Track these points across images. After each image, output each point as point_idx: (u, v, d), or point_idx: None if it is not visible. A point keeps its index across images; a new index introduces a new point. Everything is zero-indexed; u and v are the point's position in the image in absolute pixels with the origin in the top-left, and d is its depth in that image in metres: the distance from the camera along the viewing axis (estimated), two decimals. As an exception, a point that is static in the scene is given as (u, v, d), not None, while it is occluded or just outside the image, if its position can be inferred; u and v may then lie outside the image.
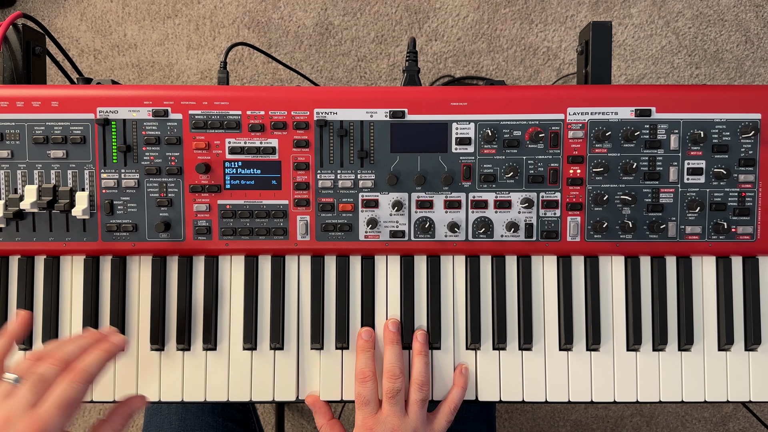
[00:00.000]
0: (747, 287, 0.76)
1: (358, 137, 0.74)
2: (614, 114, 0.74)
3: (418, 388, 0.73)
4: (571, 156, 0.74)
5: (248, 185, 0.75)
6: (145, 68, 1.55)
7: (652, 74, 1.53)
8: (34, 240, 0.75)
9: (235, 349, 0.76)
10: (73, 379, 0.58)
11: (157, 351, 0.76)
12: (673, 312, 0.76)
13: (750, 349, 0.76)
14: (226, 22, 1.54)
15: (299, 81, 1.54)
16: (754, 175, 0.74)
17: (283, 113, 0.74)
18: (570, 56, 1.52)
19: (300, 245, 0.75)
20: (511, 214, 0.75)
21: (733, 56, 1.52)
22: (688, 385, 0.76)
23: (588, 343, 0.76)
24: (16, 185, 0.74)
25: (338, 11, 1.53)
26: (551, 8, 1.52)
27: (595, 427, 1.54)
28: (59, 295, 0.77)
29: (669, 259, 0.77)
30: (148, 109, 0.74)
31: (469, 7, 1.52)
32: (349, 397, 0.76)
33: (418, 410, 0.72)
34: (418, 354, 0.74)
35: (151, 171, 0.74)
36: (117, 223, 0.74)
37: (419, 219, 0.75)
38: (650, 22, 1.52)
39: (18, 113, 0.73)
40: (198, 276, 0.77)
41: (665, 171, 0.74)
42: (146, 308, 0.77)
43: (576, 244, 0.75)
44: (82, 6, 1.55)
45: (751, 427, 1.55)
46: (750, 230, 0.74)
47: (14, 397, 0.56)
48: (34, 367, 0.58)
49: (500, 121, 0.74)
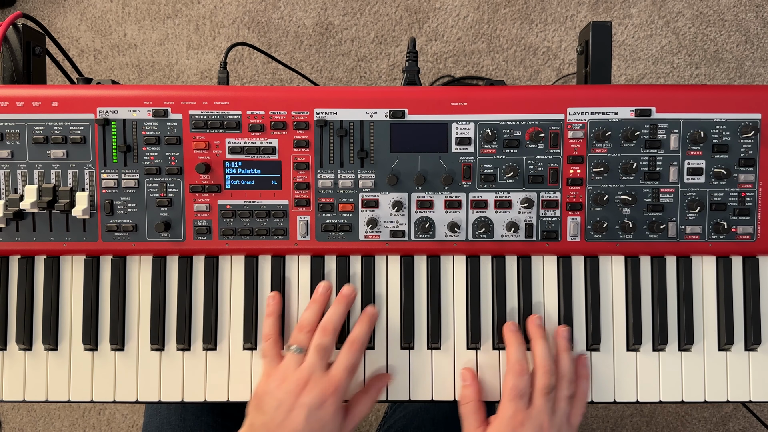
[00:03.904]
0: (747, 287, 0.76)
1: (358, 137, 0.74)
2: (614, 114, 0.74)
3: (567, 385, 0.72)
4: (571, 156, 0.74)
5: (248, 185, 0.75)
6: (145, 68, 1.55)
7: (652, 74, 1.53)
8: (34, 240, 0.75)
9: (235, 349, 0.76)
10: (354, 349, 0.71)
11: (157, 351, 0.76)
12: (673, 312, 0.76)
13: (750, 349, 0.76)
14: (226, 22, 1.54)
15: (299, 81, 1.54)
16: (754, 175, 0.74)
17: (283, 113, 0.74)
18: (570, 56, 1.52)
19: (300, 245, 0.75)
20: (511, 214, 0.75)
21: (733, 56, 1.52)
22: (688, 385, 0.76)
23: (588, 343, 0.76)
24: (16, 185, 0.74)
25: (338, 11, 1.53)
26: (551, 8, 1.52)
27: (595, 427, 1.54)
28: (59, 295, 0.77)
29: (669, 259, 0.77)
30: (148, 109, 0.74)
31: (469, 7, 1.52)
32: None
33: (565, 407, 0.71)
34: (565, 351, 0.73)
35: (151, 171, 0.74)
36: (117, 223, 0.74)
37: (419, 219, 0.75)
38: (650, 22, 1.52)
39: (18, 113, 0.73)
40: (198, 276, 0.77)
41: (665, 171, 0.74)
42: (146, 308, 0.77)
43: (576, 244, 0.75)
44: (82, 6, 1.55)
45: (751, 427, 1.55)
46: (750, 230, 0.74)
47: (307, 364, 0.69)
48: (314, 339, 0.70)
49: (500, 121, 0.74)
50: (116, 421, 1.58)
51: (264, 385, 0.70)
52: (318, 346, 0.70)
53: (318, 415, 0.67)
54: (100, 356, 0.76)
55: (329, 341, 0.71)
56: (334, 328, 0.72)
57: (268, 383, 0.70)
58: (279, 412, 0.67)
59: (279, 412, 0.67)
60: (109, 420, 1.58)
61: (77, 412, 1.58)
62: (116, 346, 0.76)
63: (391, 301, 0.77)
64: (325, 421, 0.67)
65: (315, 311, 0.73)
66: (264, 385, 0.70)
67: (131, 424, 1.58)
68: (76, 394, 0.76)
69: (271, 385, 0.69)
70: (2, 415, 1.59)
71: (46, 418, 1.58)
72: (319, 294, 0.75)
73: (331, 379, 0.68)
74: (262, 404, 0.68)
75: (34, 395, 0.76)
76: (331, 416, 0.68)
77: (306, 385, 0.68)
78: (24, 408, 1.58)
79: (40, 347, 0.76)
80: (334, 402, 0.68)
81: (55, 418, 1.58)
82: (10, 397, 0.76)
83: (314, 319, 0.73)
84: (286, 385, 0.68)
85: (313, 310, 0.73)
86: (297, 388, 0.67)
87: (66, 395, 0.76)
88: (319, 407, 0.67)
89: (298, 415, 0.66)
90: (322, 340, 0.70)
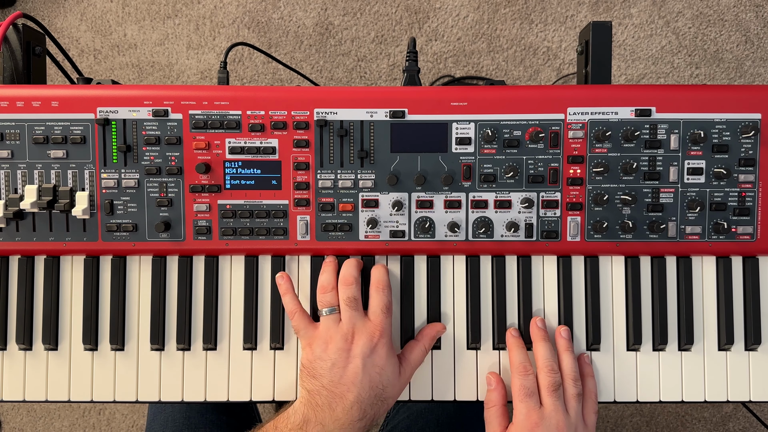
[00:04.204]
0: (747, 287, 0.76)
1: (358, 137, 0.74)
2: (614, 114, 0.74)
3: (573, 383, 0.71)
4: (571, 156, 0.74)
5: (248, 185, 0.75)
6: (145, 68, 1.55)
7: (652, 74, 1.53)
8: (34, 240, 0.75)
9: (235, 349, 0.76)
10: (380, 287, 0.73)
11: (157, 351, 0.76)
12: (673, 312, 0.76)
13: (750, 349, 0.76)
14: (226, 22, 1.54)
15: (299, 81, 1.54)
16: (754, 175, 0.74)
17: (283, 113, 0.74)
18: (570, 56, 1.52)
19: (300, 245, 0.75)
20: (511, 214, 0.75)
21: (733, 56, 1.52)
22: (688, 385, 0.76)
23: (588, 343, 0.76)
24: (16, 185, 0.74)
25: (338, 11, 1.53)
26: (551, 8, 1.52)
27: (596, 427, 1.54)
28: (59, 295, 0.77)
29: (669, 259, 0.77)
30: (148, 109, 0.74)
31: (469, 7, 1.52)
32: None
33: (576, 405, 0.71)
34: (566, 350, 0.73)
35: (151, 171, 0.74)
36: (117, 223, 0.74)
37: (419, 219, 0.75)
38: (650, 22, 1.52)
39: (18, 113, 0.73)
40: (198, 276, 0.77)
41: (665, 171, 0.74)
42: (146, 308, 0.77)
43: (576, 244, 0.75)
44: (82, 6, 1.55)
45: (751, 427, 1.55)
46: (750, 230, 0.74)
47: (345, 319, 0.70)
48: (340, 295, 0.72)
49: (500, 121, 0.74)
50: (116, 421, 1.58)
51: (309, 354, 0.70)
52: (348, 299, 0.71)
53: (373, 360, 0.68)
54: (100, 356, 0.76)
55: (355, 290, 0.72)
56: (355, 278, 0.73)
57: (313, 350, 0.70)
58: (335, 371, 0.68)
59: (335, 370, 0.68)
60: (109, 420, 1.58)
61: (77, 412, 1.58)
62: (116, 346, 0.76)
63: (391, 301, 0.77)
64: (381, 365, 0.69)
65: (330, 272, 0.74)
66: (309, 353, 0.71)
67: (131, 424, 1.58)
68: (76, 394, 0.76)
69: (317, 351, 0.70)
70: (2, 415, 1.59)
71: (46, 418, 1.58)
72: (327, 262, 0.76)
73: (374, 323, 0.70)
74: (315, 369, 0.69)
75: (34, 395, 0.76)
76: (386, 359, 0.69)
77: (353, 338, 0.69)
78: (24, 408, 1.58)
79: (40, 347, 0.76)
80: (384, 344, 0.69)
81: (55, 418, 1.58)
82: (10, 397, 0.76)
83: (332, 279, 0.73)
84: (334, 343, 0.69)
85: (328, 272, 0.74)
86: (345, 343, 0.69)
87: (66, 395, 0.76)
88: (372, 353, 0.69)
89: (355, 366, 0.68)
90: (349, 293, 0.71)
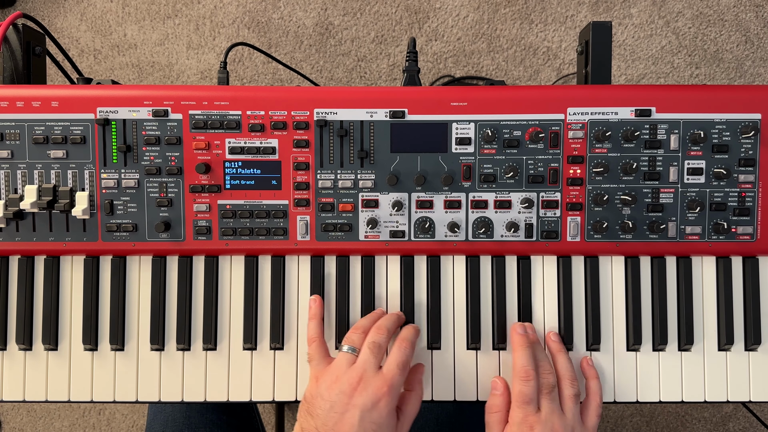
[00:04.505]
0: (747, 287, 0.76)
1: (358, 137, 0.74)
2: (614, 114, 0.74)
3: (569, 384, 0.71)
4: (571, 156, 0.74)
5: (248, 185, 0.75)
6: (145, 68, 1.55)
7: (652, 74, 1.53)
8: (34, 240, 0.75)
9: (235, 349, 0.76)
10: (404, 346, 0.69)
11: (157, 351, 0.76)
12: (673, 312, 0.76)
13: (750, 349, 0.76)
14: (226, 22, 1.54)
15: (299, 81, 1.54)
16: (754, 175, 0.74)
17: (283, 113, 0.74)
18: (570, 56, 1.52)
19: (300, 245, 0.75)
20: (511, 214, 0.75)
21: (733, 56, 1.52)
22: (688, 385, 0.76)
23: (588, 343, 0.76)
24: (16, 185, 0.74)
25: (338, 11, 1.53)
26: (551, 8, 1.52)
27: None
28: (59, 295, 0.77)
29: (669, 259, 0.77)
30: (148, 109, 0.74)
31: (469, 7, 1.52)
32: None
33: (573, 407, 0.70)
34: (559, 352, 0.73)
35: (151, 171, 0.74)
36: (117, 223, 0.74)
37: (419, 219, 0.75)
38: (650, 22, 1.52)
39: (18, 113, 0.73)
40: (198, 276, 0.77)
41: (665, 171, 0.74)
42: (146, 308, 0.77)
43: (576, 244, 0.75)
44: (82, 6, 1.55)
45: (751, 427, 1.55)
46: (750, 230, 0.74)
47: (360, 362, 0.67)
48: (368, 337, 0.69)
49: (500, 121, 0.74)
50: (116, 421, 1.58)
51: (313, 388, 0.68)
52: (372, 344, 0.68)
53: (372, 417, 0.64)
54: (100, 356, 0.76)
55: (383, 339, 0.69)
56: (388, 329, 0.70)
57: (318, 386, 0.67)
58: (331, 415, 0.64)
59: (331, 414, 0.64)
60: (109, 420, 1.58)
61: (77, 412, 1.58)
62: (116, 346, 0.76)
63: (391, 301, 0.77)
64: (379, 423, 0.64)
65: (371, 318, 0.73)
66: (313, 388, 0.68)
67: (131, 424, 1.58)
68: (76, 394, 0.76)
69: (321, 387, 0.67)
70: (2, 415, 1.59)
71: (46, 418, 1.58)
72: (379, 310, 0.76)
73: (384, 378, 0.66)
74: (314, 408, 0.66)
75: (34, 395, 0.76)
76: (385, 417, 0.65)
77: (359, 385, 0.65)
78: (24, 408, 1.58)
79: (40, 347, 0.76)
80: (388, 402, 0.65)
81: (55, 418, 1.58)
82: (10, 397, 0.76)
83: (369, 325, 0.71)
84: (338, 385, 0.66)
85: (370, 318, 0.73)
86: (349, 388, 0.65)
87: (66, 395, 0.76)
88: (373, 408, 0.64)
89: (351, 417, 0.64)
90: (376, 338, 0.69)
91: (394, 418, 0.67)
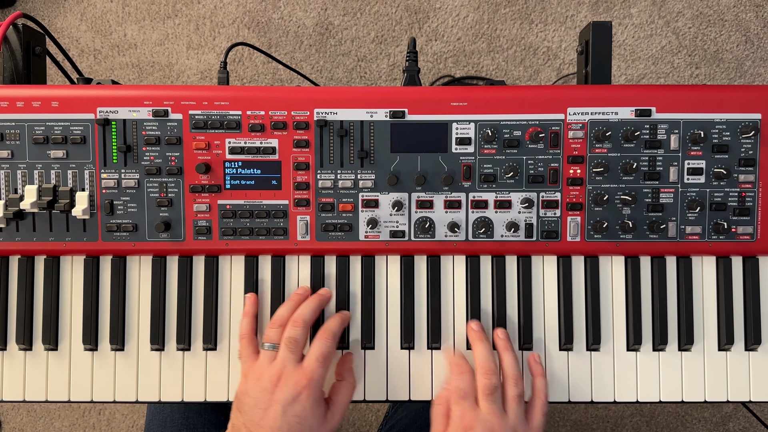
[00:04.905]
0: (747, 287, 0.76)
1: (358, 137, 0.74)
2: (614, 114, 0.74)
3: (513, 384, 0.70)
4: (571, 156, 0.74)
5: (248, 185, 0.75)
6: (145, 68, 1.55)
7: (652, 74, 1.53)
8: (34, 240, 0.75)
9: (236, 349, 0.76)
10: (325, 337, 0.70)
11: (157, 351, 0.76)
12: (673, 312, 0.76)
13: (750, 349, 0.76)
14: (226, 22, 1.54)
15: (299, 81, 1.54)
16: (754, 175, 0.74)
17: (283, 113, 0.74)
18: (570, 56, 1.52)
19: (300, 245, 0.75)
20: (511, 214, 0.75)
21: (733, 56, 1.52)
22: (688, 385, 0.76)
23: (588, 343, 0.76)
24: (16, 185, 0.74)
25: (338, 11, 1.53)
26: (551, 8, 1.52)
27: (595, 427, 1.54)
28: (59, 295, 0.77)
29: (669, 259, 0.77)
30: (148, 109, 0.74)
31: (469, 7, 1.52)
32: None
33: (516, 407, 0.69)
34: (505, 350, 0.73)
35: (151, 171, 0.74)
36: (117, 223, 0.74)
37: (419, 219, 0.75)
38: (650, 22, 1.52)
39: (18, 113, 0.73)
40: (198, 276, 0.77)
41: (665, 171, 0.74)
42: (146, 308, 0.77)
43: (576, 244, 0.75)
44: (82, 6, 1.55)
45: (751, 427, 1.55)
46: (750, 230, 0.74)
47: (279, 359, 0.68)
48: (284, 333, 0.70)
49: (500, 121, 0.74)
50: (116, 421, 1.58)
51: (242, 385, 0.70)
52: (287, 339, 0.69)
53: (294, 410, 0.65)
54: (100, 356, 0.76)
55: (299, 333, 0.70)
56: (305, 321, 0.71)
57: (245, 383, 0.69)
58: (256, 411, 0.66)
59: (256, 411, 0.66)
60: (109, 420, 1.58)
61: (77, 412, 1.58)
62: (116, 346, 0.76)
63: (391, 301, 0.77)
64: (303, 415, 0.66)
65: (288, 308, 0.73)
66: (242, 385, 0.70)
67: (131, 424, 1.58)
68: (76, 394, 0.76)
69: (248, 384, 0.69)
70: (2, 415, 1.59)
71: (46, 418, 1.58)
72: (295, 293, 0.75)
73: (305, 371, 0.67)
74: (241, 404, 0.68)
75: (34, 395, 0.76)
76: (309, 410, 0.66)
77: (279, 381, 0.67)
78: (24, 408, 1.58)
79: (40, 347, 0.76)
80: (309, 395, 0.66)
81: (55, 418, 1.58)
82: (10, 397, 0.76)
83: (287, 316, 0.72)
84: (261, 383, 0.67)
85: (287, 307, 0.73)
86: (270, 385, 0.67)
87: (66, 395, 0.76)
88: (294, 401, 0.66)
89: (274, 412, 0.65)
90: (292, 333, 0.69)
91: (320, 409, 0.68)
